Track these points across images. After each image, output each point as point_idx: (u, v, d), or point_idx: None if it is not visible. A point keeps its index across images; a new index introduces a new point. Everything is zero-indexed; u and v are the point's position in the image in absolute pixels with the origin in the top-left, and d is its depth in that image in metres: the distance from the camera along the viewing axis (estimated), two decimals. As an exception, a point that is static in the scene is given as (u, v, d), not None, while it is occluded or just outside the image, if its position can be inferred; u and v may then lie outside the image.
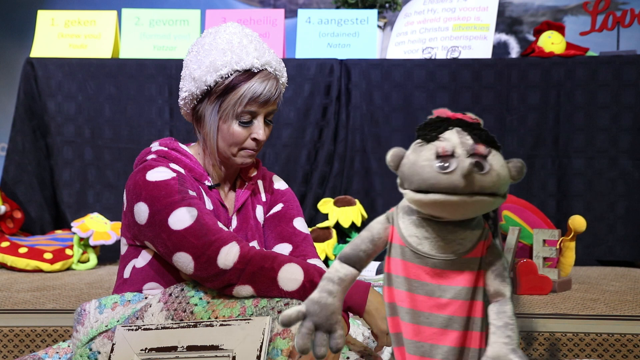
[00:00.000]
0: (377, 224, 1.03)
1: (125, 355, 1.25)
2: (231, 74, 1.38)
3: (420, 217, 0.98)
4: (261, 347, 1.18)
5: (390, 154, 0.98)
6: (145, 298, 1.39)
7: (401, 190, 0.97)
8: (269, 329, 1.20)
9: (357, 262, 1.03)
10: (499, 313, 0.97)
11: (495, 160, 0.92)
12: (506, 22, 4.43)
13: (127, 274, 1.42)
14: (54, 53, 3.04)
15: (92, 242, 2.57)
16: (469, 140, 0.92)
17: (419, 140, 0.96)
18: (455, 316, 0.97)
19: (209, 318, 1.27)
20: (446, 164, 0.89)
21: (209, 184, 1.46)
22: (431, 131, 0.95)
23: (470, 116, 0.97)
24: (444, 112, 0.98)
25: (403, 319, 1.00)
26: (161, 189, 1.34)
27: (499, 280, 0.98)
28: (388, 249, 1.02)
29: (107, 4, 3.68)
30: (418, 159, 0.93)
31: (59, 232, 2.82)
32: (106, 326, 1.34)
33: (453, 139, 0.92)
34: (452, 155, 0.90)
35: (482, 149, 0.90)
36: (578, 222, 2.13)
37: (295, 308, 0.99)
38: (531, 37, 3.88)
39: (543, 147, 2.82)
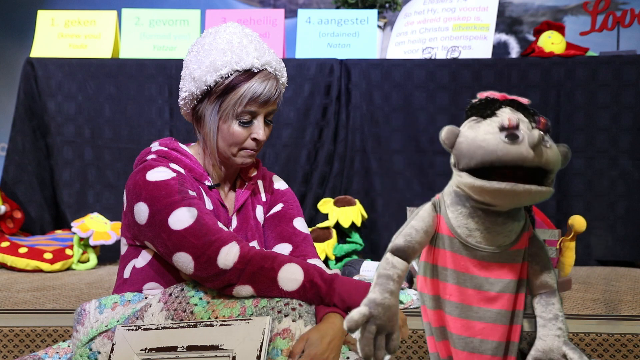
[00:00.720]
0: (427, 214, 0.98)
1: (125, 355, 1.25)
2: (231, 74, 1.38)
3: (472, 207, 0.94)
4: (261, 347, 1.18)
5: (445, 131, 0.93)
6: (145, 298, 1.39)
7: (456, 172, 0.93)
8: (269, 329, 1.20)
9: (411, 255, 0.97)
10: (548, 305, 0.95)
11: (550, 139, 0.90)
12: (506, 22, 4.42)
13: (127, 274, 1.42)
14: (54, 53, 3.04)
15: (92, 242, 2.57)
16: (523, 117, 0.89)
17: (473, 118, 0.93)
18: (503, 310, 0.95)
19: (209, 318, 1.27)
20: (513, 136, 0.85)
21: (209, 184, 1.46)
22: (484, 109, 0.92)
23: (519, 98, 0.94)
24: (492, 94, 0.95)
25: (451, 313, 0.97)
26: (161, 189, 1.34)
27: (545, 272, 0.96)
28: (434, 240, 0.98)
29: (107, 4, 3.68)
30: (478, 133, 0.89)
31: (59, 232, 2.82)
32: (106, 326, 1.34)
33: (513, 114, 0.89)
34: (517, 127, 0.86)
35: (544, 121, 0.88)
36: (578, 222, 2.13)
37: (359, 311, 0.93)
38: (531, 37, 3.88)
39: (543, 147, 2.82)
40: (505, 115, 0.89)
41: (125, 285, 1.42)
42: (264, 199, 1.56)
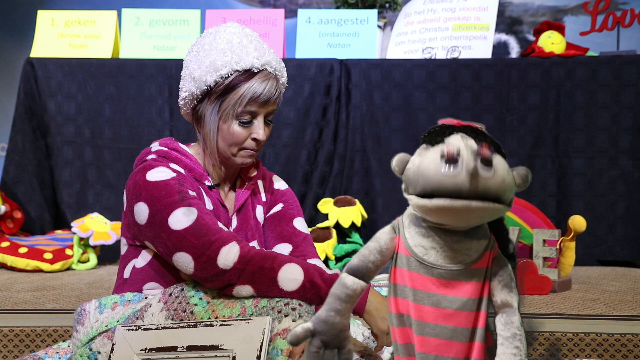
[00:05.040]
0: (384, 235, 1.02)
1: (125, 355, 1.25)
2: (231, 74, 1.38)
3: (427, 226, 0.97)
4: (261, 347, 1.18)
5: (396, 159, 0.98)
6: (145, 298, 1.39)
7: (406, 195, 0.96)
8: (269, 329, 1.20)
9: (366, 274, 1.01)
10: (507, 324, 0.96)
11: (501, 165, 0.90)
12: (506, 22, 4.43)
13: (127, 274, 1.42)
14: (54, 53, 3.04)
15: (92, 242, 2.57)
16: (473, 143, 0.91)
17: (424, 145, 0.96)
18: (460, 327, 0.96)
19: (209, 318, 1.27)
20: (452, 165, 0.87)
21: (209, 184, 1.47)
22: (436, 136, 0.94)
23: (475, 124, 0.95)
24: (449, 121, 0.97)
25: (414, 330, 0.98)
26: (161, 189, 1.34)
27: (506, 290, 0.97)
28: (394, 260, 1.01)
29: (107, 4, 3.68)
30: (423, 161, 0.92)
31: (59, 232, 2.82)
32: (106, 326, 1.34)
33: (458, 142, 0.91)
34: (457, 156, 0.88)
35: (487, 151, 0.89)
36: (578, 222, 2.13)
37: (303, 326, 0.99)
38: (531, 37, 3.88)
39: (543, 147, 2.82)
40: (450, 143, 0.91)
41: (125, 285, 1.42)
42: (264, 199, 1.56)
